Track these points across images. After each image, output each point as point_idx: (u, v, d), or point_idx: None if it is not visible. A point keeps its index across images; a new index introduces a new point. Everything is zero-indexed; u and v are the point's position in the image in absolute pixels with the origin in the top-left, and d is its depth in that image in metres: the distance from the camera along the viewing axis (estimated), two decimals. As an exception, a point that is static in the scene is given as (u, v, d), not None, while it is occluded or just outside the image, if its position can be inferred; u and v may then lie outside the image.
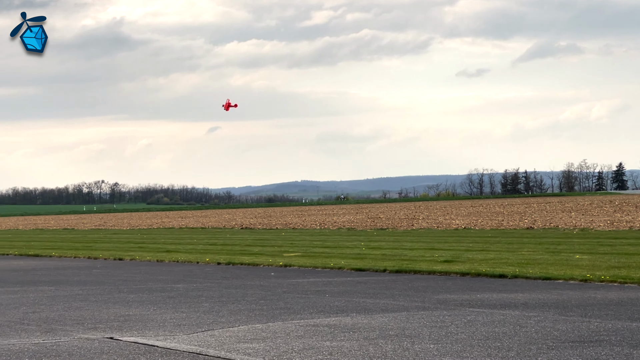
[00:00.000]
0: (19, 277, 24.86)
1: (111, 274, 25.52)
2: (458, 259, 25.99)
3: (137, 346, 11.76)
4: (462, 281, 20.52)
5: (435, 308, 15.29)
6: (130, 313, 15.48)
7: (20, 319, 14.97)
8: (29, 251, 39.32)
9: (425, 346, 11.25)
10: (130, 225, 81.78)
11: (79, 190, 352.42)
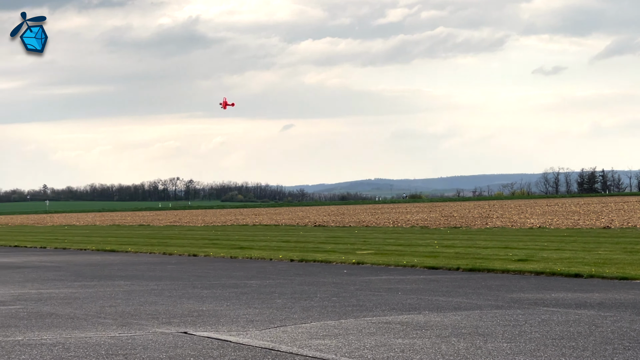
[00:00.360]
0: (96, 272, 25.27)
1: (185, 269, 25.79)
2: (532, 257, 25.70)
3: (210, 341, 11.86)
4: (537, 280, 20.29)
5: (509, 307, 15.14)
6: (203, 308, 15.63)
7: (97, 313, 15.22)
8: (106, 246, 39.94)
9: (498, 345, 11.15)
10: (205, 222, 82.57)
11: (154, 187, 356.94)
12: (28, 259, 33.01)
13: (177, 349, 11.24)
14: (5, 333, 12.89)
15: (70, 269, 26.68)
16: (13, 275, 24.60)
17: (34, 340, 12.18)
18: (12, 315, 15.02)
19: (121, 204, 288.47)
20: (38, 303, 17.00)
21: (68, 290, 19.55)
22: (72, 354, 10.95)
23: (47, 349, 11.35)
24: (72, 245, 42.97)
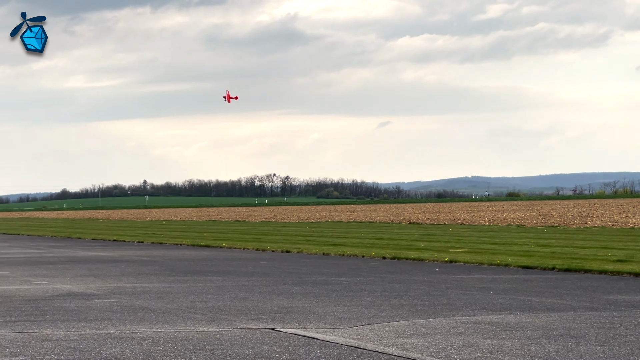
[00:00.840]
0: (189, 267, 25.56)
1: (277, 266, 25.90)
2: (633, 258, 25.06)
3: (297, 338, 11.85)
4: (636, 282, 19.77)
5: (605, 309, 14.78)
6: (292, 305, 15.65)
7: (188, 307, 15.36)
8: (200, 242, 40.41)
9: (591, 347, 10.87)
10: (300, 218, 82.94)
11: (251, 183, 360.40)
12: (125, 253, 33.60)
13: (264, 345, 11.26)
14: (99, 326, 13.10)
15: (165, 264, 27.05)
16: (110, 269, 25.05)
17: (125, 333, 12.35)
18: (107, 309, 15.27)
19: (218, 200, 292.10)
20: (132, 297, 17.26)
21: (161, 285, 19.81)
22: (160, 348, 11.05)
23: (137, 343, 11.49)
24: (168, 240, 43.60)
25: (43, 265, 27.06)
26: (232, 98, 23.55)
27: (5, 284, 20.55)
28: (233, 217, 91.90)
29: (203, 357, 10.44)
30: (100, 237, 49.96)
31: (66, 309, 15.32)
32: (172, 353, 10.71)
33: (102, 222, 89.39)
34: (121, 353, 10.73)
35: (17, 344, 11.43)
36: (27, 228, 71.81)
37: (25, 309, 15.36)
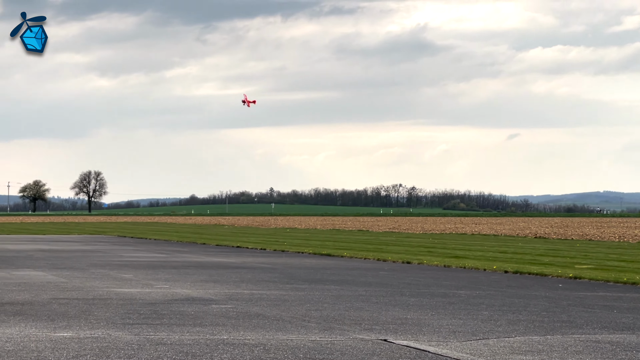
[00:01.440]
0: (309, 275, 25.62)
1: (397, 276, 25.71)
2: None
3: (408, 350, 11.68)
4: None
5: None
6: (408, 317, 15.46)
7: (302, 316, 15.36)
8: (322, 250, 40.53)
9: None
10: (424, 229, 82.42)
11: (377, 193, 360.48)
12: (247, 259, 33.95)
13: (374, 356, 11.13)
14: (213, 331, 13.20)
15: (285, 272, 27.19)
16: (230, 275, 25.32)
17: (238, 339, 12.41)
18: (222, 314, 15.39)
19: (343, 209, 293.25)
20: (248, 303, 17.37)
21: (279, 292, 19.89)
22: (271, 356, 11.05)
23: (249, 349, 11.51)
24: (290, 247, 43.87)
25: (166, 269, 27.56)
26: (251, 102, 23.57)
27: (127, 286, 20.99)
28: (357, 227, 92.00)
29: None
30: (224, 243, 50.65)
31: (183, 313, 15.52)
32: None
33: (228, 228, 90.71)
34: (232, 359, 10.76)
35: (132, 346, 11.61)
36: (155, 232, 73.44)
37: (144, 312, 15.62)
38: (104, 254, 37.25)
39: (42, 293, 19.01)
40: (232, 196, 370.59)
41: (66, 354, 10.97)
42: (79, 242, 53.13)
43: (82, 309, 16.00)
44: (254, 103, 24.09)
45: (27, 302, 17.15)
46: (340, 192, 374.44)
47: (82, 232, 76.25)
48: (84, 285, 21.24)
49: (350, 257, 35.92)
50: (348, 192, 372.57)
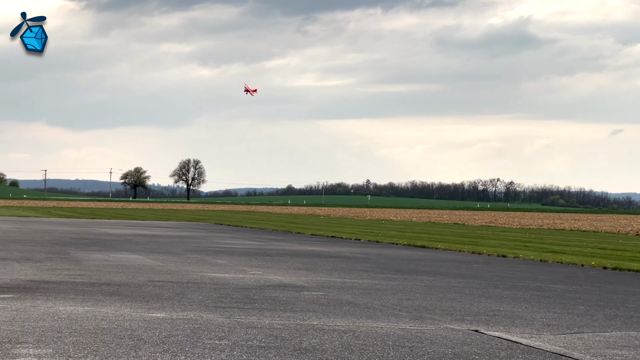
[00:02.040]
0: (402, 266, 25.52)
1: (491, 269, 25.42)
2: None
3: (499, 341, 11.52)
4: None
5: None
6: (500, 309, 15.26)
7: (394, 305, 15.28)
8: (416, 242, 40.35)
9: None
10: (521, 224, 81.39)
11: (474, 187, 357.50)
12: (341, 249, 34.00)
13: (464, 346, 11.00)
14: (303, 317, 13.23)
15: (378, 262, 27.13)
16: (323, 263, 25.37)
17: (327, 325, 12.41)
18: (314, 301, 15.42)
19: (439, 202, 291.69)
20: (340, 291, 17.37)
21: (371, 282, 19.85)
22: (360, 342, 11.02)
23: (338, 335, 11.50)
24: (385, 239, 43.80)
25: (260, 256, 27.77)
26: (252, 91, 23.36)
27: (221, 272, 21.21)
28: (453, 220, 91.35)
29: (401, 353, 10.32)
30: (318, 232, 50.82)
31: (275, 299, 15.59)
32: (370, 347, 10.65)
33: (323, 218, 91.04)
34: (320, 344, 10.76)
35: (223, 328, 11.71)
36: (251, 221, 74.14)
37: (236, 296, 15.75)
38: (199, 240, 37.76)
39: (138, 275, 19.34)
40: (328, 187, 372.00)
41: (158, 333, 11.13)
42: (176, 228, 53.99)
43: (176, 291, 16.21)
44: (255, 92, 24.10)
45: (123, 283, 17.47)
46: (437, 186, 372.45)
47: (179, 219, 77.47)
48: (178, 269, 21.55)
49: (444, 250, 35.66)
50: (445, 186, 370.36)
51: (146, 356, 9.58)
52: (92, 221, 63.83)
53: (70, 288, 16.20)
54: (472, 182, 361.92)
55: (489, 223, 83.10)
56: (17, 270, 19.59)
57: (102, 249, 28.90)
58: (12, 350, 9.67)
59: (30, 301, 14.03)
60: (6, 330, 11.04)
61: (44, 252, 26.51)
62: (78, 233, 41.46)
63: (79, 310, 13.05)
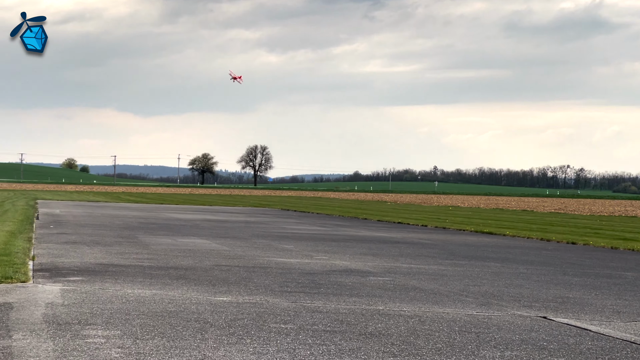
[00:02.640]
0: (468, 252, 25.32)
1: (560, 256, 25.10)
2: None
3: (568, 328, 11.35)
4: None
5: None
6: (569, 295, 15.05)
7: (460, 291, 15.17)
8: (484, 229, 40.01)
9: None
10: (591, 211, 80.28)
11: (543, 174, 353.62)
12: (407, 235, 33.87)
13: (532, 332, 10.86)
14: (369, 302, 13.20)
15: (445, 248, 26.97)
16: (390, 249, 25.29)
17: (393, 310, 12.36)
18: (379, 286, 15.38)
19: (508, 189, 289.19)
20: (406, 277, 17.29)
21: (437, 267, 19.73)
22: (426, 327, 10.95)
23: (404, 320, 11.45)
24: (451, 225, 43.53)
25: (326, 242, 27.78)
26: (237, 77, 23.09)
27: (287, 257, 21.26)
28: (521, 207, 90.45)
29: (468, 339, 10.22)
30: (385, 218, 50.71)
31: (340, 284, 15.58)
32: (436, 333, 10.57)
33: (390, 204, 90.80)
34: (386, 329, 10.72)
35: (289, 313, 11.73)
36: (318, 207, 74.25)
37: (302, 281, 15.77)
38: (266, 226, 37.91)
39: (205, 260, 19.48)
40: (395, 173, 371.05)
41: (224, 316, 11.18)
42: (243, 213, 54.30)
43: (242, 276, 16.29)
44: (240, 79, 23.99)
45: (190, 267, 17.60)
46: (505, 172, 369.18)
47: (246, 204, 77.93)
48: (245, 254, 21.65)
49: (512, 236, 35.31)
50: (513, 172, 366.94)
51: (212, 339, 9.63)
52: (160, 206, 64.53)
53: (138, 271, 16.38)
54: (541, 169, 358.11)
55: (558, 210, 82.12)
56: (87, 254, 19.87)
57: (170, 234, 29.18)
58: (81, 332, 9.80)
59: (100, 284, 14.22)
60: (76, 312, 11.19)
61: (113, 236, 26.86)
62: (146, 218, 41.94)
63: (146, 293, 13.19)
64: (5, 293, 12.76)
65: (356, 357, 8.90)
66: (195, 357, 8.67)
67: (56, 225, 32.33)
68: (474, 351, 9.48)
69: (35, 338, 9.35)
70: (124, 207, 60.00)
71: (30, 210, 46.11)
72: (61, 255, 19.25)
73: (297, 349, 9.26)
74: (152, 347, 9.09)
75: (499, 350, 9.56)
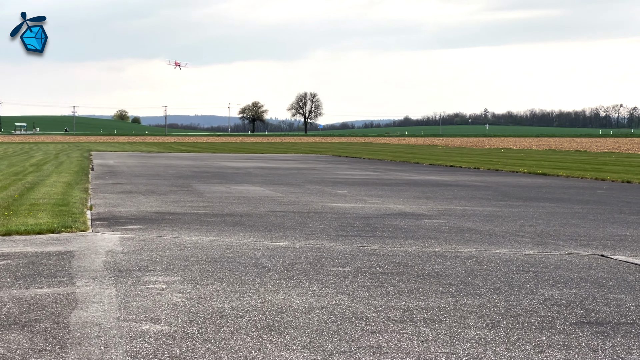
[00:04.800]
0: (522, 193, 25.20)
1: (615, 195, 24.88)
2: None
3: (627, 265, 11.30)
4: None
5: None
6: (627, 234, 14.94)
7: (516, 231, 15.13)
8: (537, 170, 39.73)
9: None
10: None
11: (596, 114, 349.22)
12: (460, 178, 33.76)
13: (590, 270, 10.83)
14: (425, 244, 13.23)
15: (498, 189, 26.85)
16: (443, 192, 25.25)
17: (449, 252, 12.38)
18: (435, 229, 15.39)
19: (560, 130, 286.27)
20: (461, 219, 17.28)
21: (492, 209, 19.67)
22: (483, 267, 10.96)
23: (460, 261, 11.47)
24: (504, 167, 43.27)
25: (379, 186, 27.80)
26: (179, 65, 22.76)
27: (341, 202, 21.33)
28: (574, 147, 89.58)
29: (525, 277, 10.23)
30: (437, 162, 50.55)
31: (396, 227, 15.61)
32: (494, 272, 10.58)
33: (441, 148, 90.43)
34: (443, 270, 10.75)
35: (346, 256, 11.80)
36: (369, 152, 74.19)
37: (357, 225, 15.83)
38: (318, 172, 38.00)
39: (260, 206, 19.61)
40: (445, 117, 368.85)
41: (282, 261, 11.29)
42: (294, 160, 54.44)
43: (298, 221, 16.39)
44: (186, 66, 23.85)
45: (245, 214, 17.75)
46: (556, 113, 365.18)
47: (297, 151, 78.06)
48: (299, 199, 21.76)
49: (566, 177, 35.04)
50: (565, 113, 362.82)
51: (271, 283, 9.73)
52: (212, 155, 64.89)
53: (194, 219, 16.56)
54: (593, 109, 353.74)
55: (612, 149, 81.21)
56: (143, 203, 20.10)
57: (223, 182, 29.38)
58: (142, 278, 9.96)
59: (157, 232, 14.40)
60: (136, 259, 11.37)
61: (168, 185, 27.11)
62: (199, 167, 42.24)
63: (203, 240, 13.34)
64: (65, 242, 13.00)
65: (415, 298, 8.96)
66: (255, 300, 8.78)
67: (111, 175, 32.71)
68: (533, 290, 9.48)
69: (98, 285, 9.53)
70: (176, 156, 60.45)
71: (85, 161, 46.68)
72: (118, 205, 19.51)
73: (355, 291, 9.34)
74: (213, 291, 9.22)
75: (557, 289, 9.55)
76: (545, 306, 8.60)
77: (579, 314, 8.26)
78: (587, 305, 8.65)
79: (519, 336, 7.36)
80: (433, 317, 8.06)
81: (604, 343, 7.15)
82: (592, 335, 7.41)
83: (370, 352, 6.81)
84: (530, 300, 8.92)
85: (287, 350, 6.86)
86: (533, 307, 8.57)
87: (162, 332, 7.39)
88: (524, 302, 8.78)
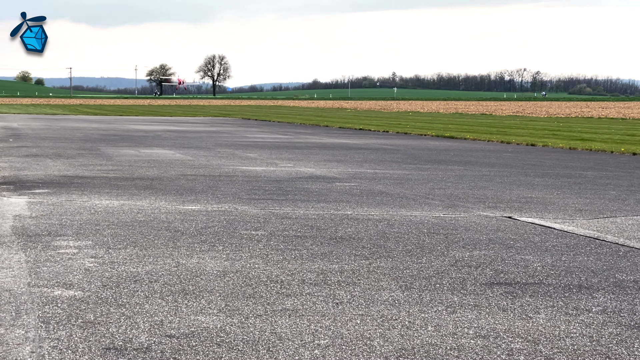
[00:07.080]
0: (431, 156, 25.53)
1: (521, 158, 25.39)
2: None
3: (533, 227, 11.57)
4: None
5: None
6: (532, 196, 15.29)
7: (426, 194, 15.34)
8: (445, 133, 40.26)
9: None
10: (548, 113, 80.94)
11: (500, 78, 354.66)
12: (369, 141, 34.02)
13: (498, 232, 11.06)
14: (337, 207, 13.32)
15: (407, 152, 27.15)
16: (353, 155, 25.43)
17: (361, 215, 12.49)
18: (346, 192, 15.50)
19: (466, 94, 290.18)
20: (372, 182, 17.44)
21: (402, 172, 19.89)
22: (395, 230, 11.10)
23: (373, 224, 11.59)
24: (413, 130, 43.74)
25: (289, 149, 27.85)
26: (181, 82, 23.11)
27: (252, 165, 21.32)
28: (480, 111, 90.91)
29: (436, 240, 10.40)
30: (346, 125, 50.79)
31: (307, 190, 15.68)
32: (405, 235, 10.73)
33: (350, 112, 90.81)
34: (356, 233, 10.86)
35: (258, 219, 11.82)
36: (278, 115, 74.13)
37: (269, 188, 15.86)
38: (229, 135, 37.87)
39: (170, 170, 19.48)
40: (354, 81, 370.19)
41: (195, 225, 11.25)
42: (204, 123, 54.11)
43: (209, 184, 16.34)
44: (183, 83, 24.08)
45: (156, 177, 17.61)
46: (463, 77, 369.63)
47: (207, 114, 77.58)
48: (210, 163, 21.67)
49: (473, 140, 35.60)
50: (471, 77, 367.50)
51: (185, 247, 9.71)
52: (120, 118, 64.05)
53: (104, 183, 16.36)
54: (498, 73, 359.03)
55: (516, 113, 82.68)
56: (51, 167, 19.78)
57: (132, 145, 29.06)
58: (52, 242, 9.83)
59: (66, 195, 14.20)
60: (45, 223, 11.20)
61: (75, 148, 26.71)
62: (107, 130, 41.67)
63: (114, 204, 13.21)
64: (-28, 207, 12.72)
65: (329, 261, 9.04)
66: (169, 264, 8.75)
67: (15, 138, 32.06)
68: (444, 252, 9.65)
69: (7, 250, 9.37)
70: (82, 119, 59.52)
71: (-12, 125, 45.60)
72: (24, 169, 19.15)
73: (269, 254, 9.37)
74: (126, 256, 9.15)
75: (467, 250, 9.74)
76: (456, 267, 8.77)
77: (488, 275, 8.45)
78: (496, 266, 8.85)
79: (432, 297, 7.50)
80: (347, 280, 8.14)
81: (513, 303, 7.34)
82: (502, 296, 7.59)
83: (286, 315, 6.86)
84: (441, 262, 9.08)
85: (203, 314, 6.87)
86: (444, 268, 8.73)
87: (75, 298, 7.31)
88: (435, 264, 8.94)
